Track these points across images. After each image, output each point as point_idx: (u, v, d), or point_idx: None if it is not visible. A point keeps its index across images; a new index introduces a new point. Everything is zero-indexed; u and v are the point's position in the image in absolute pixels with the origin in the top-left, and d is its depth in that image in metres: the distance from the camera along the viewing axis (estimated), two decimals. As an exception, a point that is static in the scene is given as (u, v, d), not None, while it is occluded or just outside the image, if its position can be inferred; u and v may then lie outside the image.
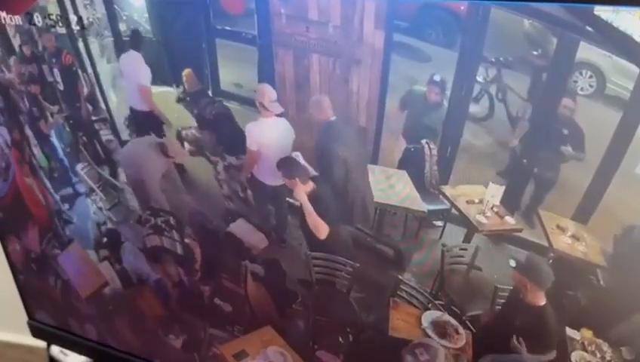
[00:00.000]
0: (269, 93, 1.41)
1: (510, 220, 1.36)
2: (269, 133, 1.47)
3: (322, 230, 1.50)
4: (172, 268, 1.71)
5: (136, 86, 1.54)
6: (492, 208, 1.36)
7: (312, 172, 1.47)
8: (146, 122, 1.57)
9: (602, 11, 1.08)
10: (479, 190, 1.35)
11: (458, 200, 1.44)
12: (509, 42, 1.19)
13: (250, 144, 1.48)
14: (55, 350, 2.46)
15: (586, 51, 1.15)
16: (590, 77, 1.17)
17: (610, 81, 1.16)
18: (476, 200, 1.39)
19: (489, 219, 1.39)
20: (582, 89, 1.19)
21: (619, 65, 1.13)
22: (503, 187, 1.30)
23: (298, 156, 1.46)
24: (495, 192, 1.32)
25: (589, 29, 1.11)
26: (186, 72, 1.49)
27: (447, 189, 1.43)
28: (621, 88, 1.14)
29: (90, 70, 1.62)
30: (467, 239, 1.46)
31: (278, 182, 1.52)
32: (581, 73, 1.18)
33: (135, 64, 1.52)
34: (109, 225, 1.79)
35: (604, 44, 1.13)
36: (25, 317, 2.51)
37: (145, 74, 1.51)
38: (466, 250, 1.47)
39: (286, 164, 1.47)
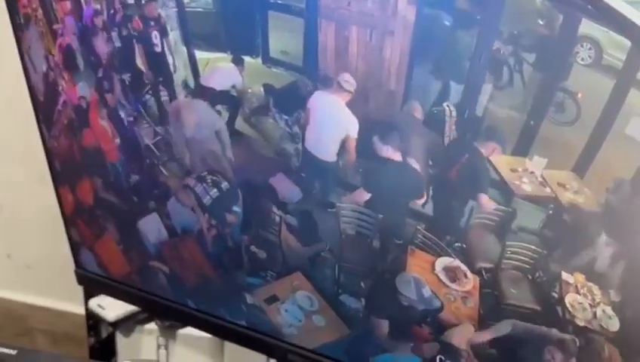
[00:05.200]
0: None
1: (548, 190, 1.54)
2: (328, 106, 1.66)
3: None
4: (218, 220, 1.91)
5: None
6: (537, 177, 1.53)
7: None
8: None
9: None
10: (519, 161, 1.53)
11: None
12: (523, 18, 1.41)
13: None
14: (93, 303, 2.68)
15: (587, 27, 1.36)
16: (589, 49, 1.39)
17: (607, 52, 1.37)
18: (519, 170, 1.55)
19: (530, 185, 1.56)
20: (582, 59, 1.40)
21: (614, 39, 1.34)
22: (546, 160, 1.48)
23: None
24: (539, 164, 1.51)
25: (590, 7, 1.32)
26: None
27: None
28: (615, 59, 1.35)
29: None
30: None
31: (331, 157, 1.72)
32: (582, 45, 1.39)
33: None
34: (161, 179, 2.00)
35: (603, 21, 1.34)
36: (56, 281, 2.73)
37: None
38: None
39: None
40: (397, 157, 1.66)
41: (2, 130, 2.86)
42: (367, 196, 1.72)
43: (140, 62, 1.88)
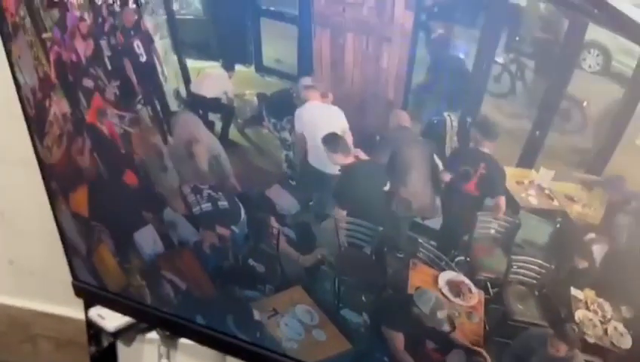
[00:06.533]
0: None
1: (556, 203, 1.48)
2: (313, 116, 1.62)
3: None
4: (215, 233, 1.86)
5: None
6: (543, 191, 1.47)
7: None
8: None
9: (609, -4, 1.21)
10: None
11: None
12: (526, 24, 1.33)
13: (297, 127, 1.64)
14: (93, 313, 2.63)
15: (595, 32, 1.28)
16: (597, 55, 1.31)
17: (616, 59, 1.29)
18: (525, 182, 1.49)
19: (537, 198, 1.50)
20: (589, 66, 1.32)
21: (623, 45, 1.26)
22: (553, 171, 1.42)
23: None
24: (546, 176, 1.44)
25: (597, 12, 1.24)
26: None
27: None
28: (625, 66, 1.27)
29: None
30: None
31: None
32: (589, 52, 1.31)
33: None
34: (156, 190, 1.94)
35: (611, 26, 1.26)
36: (60, 287, 2.67)
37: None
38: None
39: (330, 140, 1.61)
40: (349, 160, 1.61)
41: (3, 136, 2.80)
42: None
43: (129, 72, 1.81)
